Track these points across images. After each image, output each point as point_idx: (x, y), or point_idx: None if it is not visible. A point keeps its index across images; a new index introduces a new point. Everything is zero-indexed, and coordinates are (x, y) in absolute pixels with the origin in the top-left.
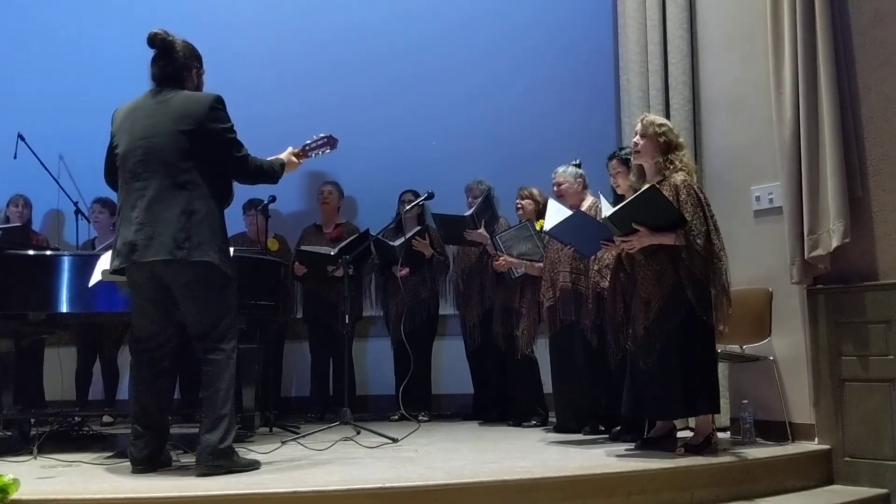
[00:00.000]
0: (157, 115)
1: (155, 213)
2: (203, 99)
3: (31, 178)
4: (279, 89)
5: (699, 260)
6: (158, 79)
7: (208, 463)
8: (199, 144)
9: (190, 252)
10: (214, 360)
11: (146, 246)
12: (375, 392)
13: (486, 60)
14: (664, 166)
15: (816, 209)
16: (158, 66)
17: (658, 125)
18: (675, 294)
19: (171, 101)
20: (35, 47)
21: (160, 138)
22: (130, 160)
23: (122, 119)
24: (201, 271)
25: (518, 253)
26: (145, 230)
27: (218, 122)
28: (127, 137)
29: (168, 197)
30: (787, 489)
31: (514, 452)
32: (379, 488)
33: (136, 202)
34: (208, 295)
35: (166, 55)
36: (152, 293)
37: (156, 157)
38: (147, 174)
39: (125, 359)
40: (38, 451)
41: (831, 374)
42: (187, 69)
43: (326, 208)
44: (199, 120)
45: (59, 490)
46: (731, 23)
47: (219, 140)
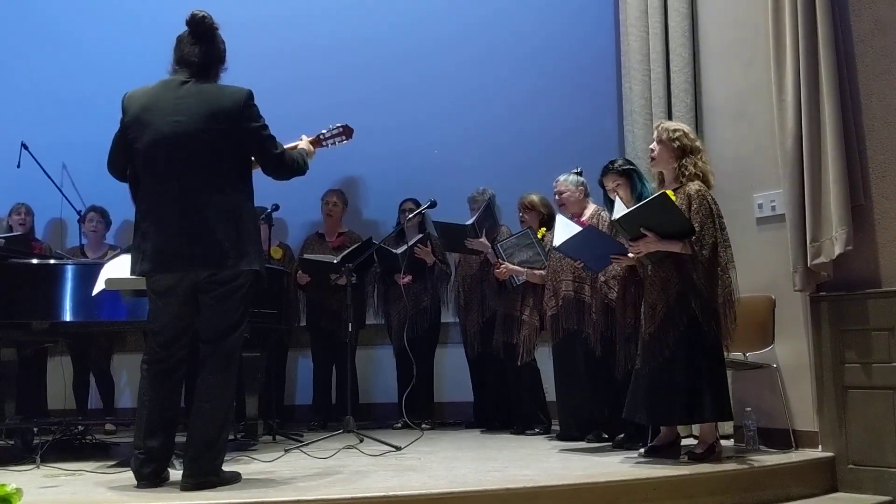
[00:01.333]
0: (185, 111)
1: (194, 219)
2: (236, 95)
3: (34, 187)
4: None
5: (703, 271)
6: (191, 64)
7: (196, 480)
8: (233, 143)
9: (237, 261)
10: (222, 369)
11: (189, 254)
12: (378, 400)
13: (488, 68)
14: (679, 172)
15: (819, 217)
16: (196, 51)
17: (672, 130)
18: (679, 302)
19: (199, 95)
20: (38, 56)
21: (195, 136)
22: (156, 158)
23: (139, 109)
24: (244, 280)
25: (519, 260)
26: (185, 236)
27: (252, 121)
28: (149, 131)
29: (208, 201)
30: (791, 497)
31: (517, 461)
32: (382, 496)
33: (170, 205)
34: (238, 301)
35: (208, 42)
36: (177, 299)
37: (190, 156)
38: (179, 175)
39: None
40: (40, 460)
41: (834, 381)
42: (221, 61)
43: (331, 220)
44: (233, 118)
45: (62, 499)
46: (732, 31)
47: (255, 138)
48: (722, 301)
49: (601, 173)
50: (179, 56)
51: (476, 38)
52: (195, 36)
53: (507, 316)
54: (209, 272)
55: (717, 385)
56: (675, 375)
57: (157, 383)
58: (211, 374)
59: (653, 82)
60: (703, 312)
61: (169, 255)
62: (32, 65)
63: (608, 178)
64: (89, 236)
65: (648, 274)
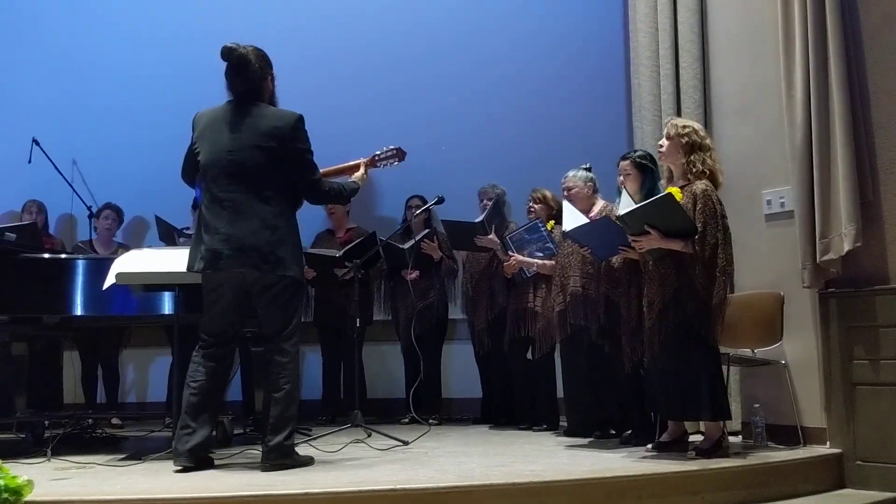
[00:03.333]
0: (241, 129)
1: (241, 227)
2: (288, 118)
3: (45, 183)
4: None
5: (702, 271)
6: (238, 94)
7: (276, 462)
8: (280, 161)
9: (274, 266)
10: (282, 362)
11: (232, 257)
12: (386, 395)
13: (497, 65)
14: (687, 168)
15: (828, 213)
16: (236, 82)
17: (681, 126)
18: (675, 299)
19: (254, 115)
20: (50, 54)
21: (245, 153)
22: (213, 170)
23: (204, 126)
24: (286, 284)
25: (528, 252)
26: (232, 241)
27: (300, 143)
28: (210, 147)
29: (252, 211)
30: (799, 493)
31: (524, 456)
32: (389, 490)
33: (221, 212)
34: (284, 302)
35: (242, 70)
36: (229, 297)
37: (240, 170)
38: (232, 186)
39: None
40: (51, 453)
41: (843, 377)
42: (263, 79)
43: (333, 217)
44: (283, 138)
45: (73, 492)
46: (741, 27)
47: (299, 160)
48: (716, 302)
49: (621, 157)
50: (229, 86)
51: (485, 37)
52: (231, 68)
53: (518, 310)
54: (252, 276)
55: (714, 384)
56: (671, 372)
57: (204, 370)
58: (276, 367)
59: (661, 78)
60: (697, 311)
61: (217, 256)
62: (44, 63)
63: (623, 164)
64: (101, 233)
65: (650, 269)
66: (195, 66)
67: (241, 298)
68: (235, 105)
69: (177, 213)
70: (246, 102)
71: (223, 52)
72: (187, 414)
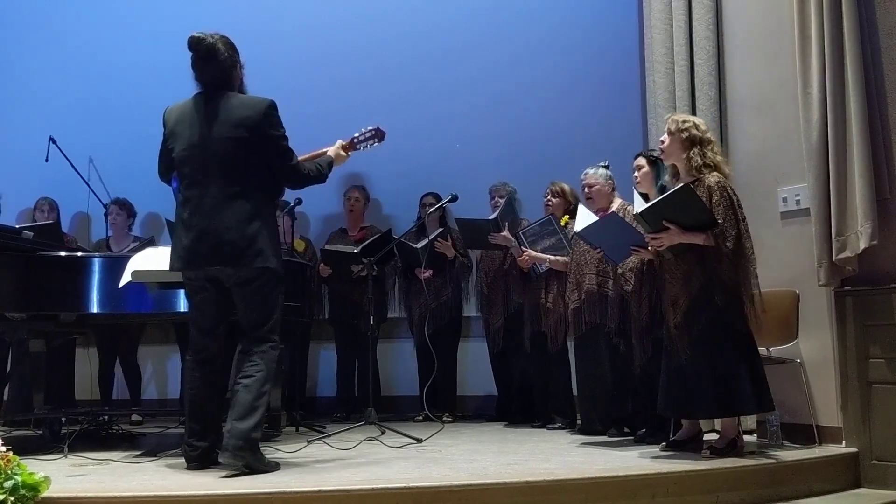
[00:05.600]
0: (211, 121)
1: (216, 221)
2: (258, 105)
3: (61, 181)
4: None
5: (727, 263)
6: (207, 84)
7: (235, 450)
8: (254, 151)
9: (253, 259)
10: (261, 353)
11: (209, 253)
12: (400, 393)
13: (513, 63)
14: (690, 164)
15: (844, 211)
16: (205, 72)
17: (681, 122)
18: (702, 295)
19: (224, 106)
20: (67, 53)
21: (216, 145)
22: (187, 165)
23: (175, 121)
24: (261, 275)
25: (542, 248)
26: (207, 238)
27: (273, 129)
28: (182, 141)
29: (226, 205)
30: (814, 492)
31: (538, 454)
32: (403, 488)
33: (196, 209)
34: (263, 294)
35: (212, 59)
36: (211, 294)
37: (212, 163)
38: (205, 180)
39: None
40: (68, 449)
41: (859, 376)
42: (233, 67)
43: (353, 214)
44: (254, 127)
45: (89, 488)
46: (757, 23)
47: (274, 147)
48: (749, 292)
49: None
50: (196, 77)
51: (501, 37)
52: (199, 58)
53: (533, 306)
54: (231, 270)
55: (754, 375)
56: (703, 369)
57: (198, 372)
58: (249, 356)
59: (677, 75)
60: (729, 304)
61: (194, 253)
62: (60, 62)
63: (638, 160)
64: (113, 229)
65: (668, 267)
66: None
67: (223, 295)
68: (205, 97)
69: None
70: (215, 93)
71: (190, 42)
72: (193, 420)
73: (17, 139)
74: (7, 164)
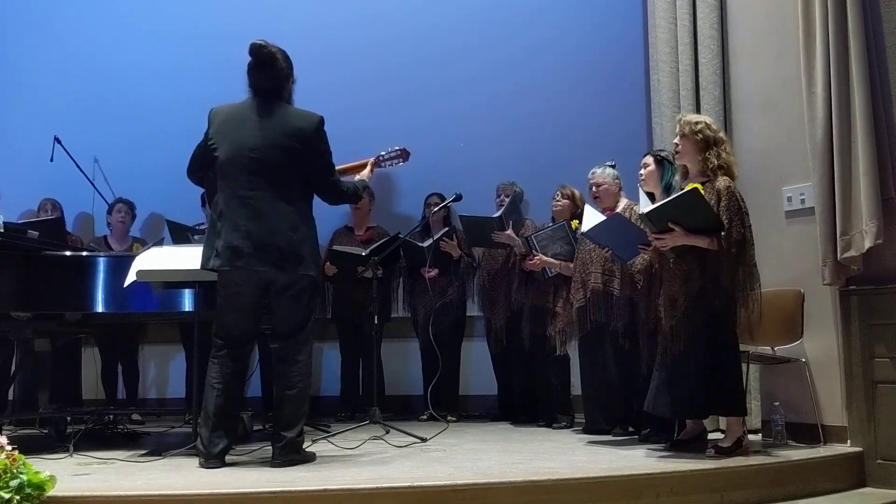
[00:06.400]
0: (265, 128)
1: (263, 225)
2: (311, 119)
3: (66, 181)
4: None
5: (728, 267)
6: (262, 91)
7: (287, 458)
8: (302, 162)
9: (296, 266)
10: (299, 361)
11: (253, 255)
12: (404, 392)
13: (518, 62)
14: (705, 165)
15: (849, 210)
16: (262, 79)
17: (694, 123)
18: (700, 296)
19: (279, 113)
20: (71, 53)
21: (268, 151)
22: (234, 167)
23: (222, 122)
24: (305, 283)
25: (553, 253)
26: (253, 239)
27: (321, 144)
28: (230, 144)
29: (274, 210)
30: (819, 492)
31: (542, 453)
32: (407, 487)
33: (243, 210)
34: (303, 301)
35: (270, 67)
36: (246, 294)
37: (263, 168)
38: (254, 184)
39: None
40: (73, 448)
41: (864, 375)
42: (287, 79)
43: (359, 213)
44: (306, 139)
45: (94, 487)
46: (762, 22)
47: (320, 161)
48: (746, 297)
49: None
50: (252, 83)
51: (505, 37)
52: (259, 65)
53: (536, 308)
54: (270, 274)
55: (737, 380)
56: (694, 369)
57: (225, 370)
58: (290, 365)
59: (681, 74)
60: (724, 308)
61: (237, 254)
62: (65, 62)
63: (645, 159)
64: (115, 227)
65: (669, 267)
66: (216, 62)
67: (258, 298)
68: (258, 103)
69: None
70: (268, 101)
71: (253, 48)
72: (216, 417)
73: (21, 140)
74: (11, 164)
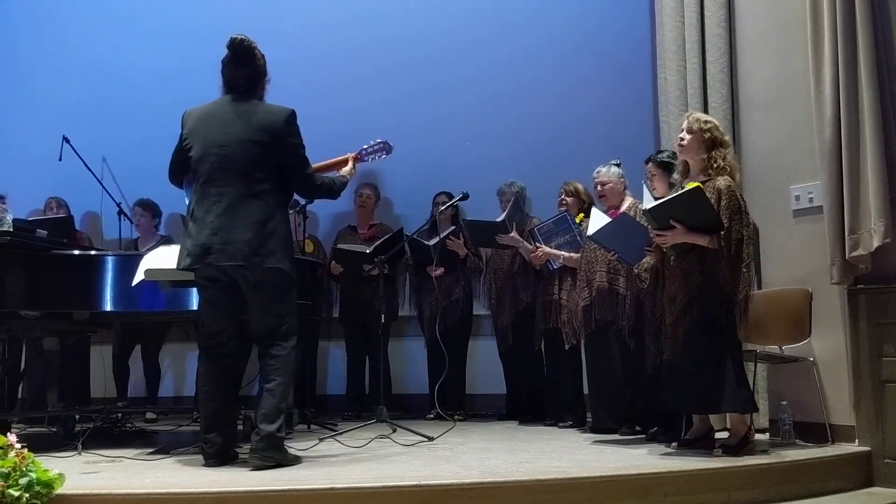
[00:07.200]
0: (234, 124)
1: (231, 220)
2: (280, 112)
3: (74, 180)
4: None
5: (727, 265)
6: (236, 86)
7: (264, 453)
8: (272, 156)
9: (264, 259)
10: (278, 356)
11: (221, 250)
12: (411, 391)
13: (524, 61)
14: (708, 164)
15: (857, 208)
16: (238, 74)
17: (703, 122)
18: (699, 294)
19: (248, 110)
20: (78, 53)
21: (237, 147)
22: (205, 165)
23: (195, 122)
24: (273, 276)
25: (556, 244)
26: (221, 235)
27: (292, 137)
28: (202, 143)
29: (243, 205)
30: (827, 491)
31: (549, 452)
32: (414, 486)
33: (212, 207)
34: (276, 297)
35: (248, 63)
36: (222, 292)
37: (232, 165)
38: (223, 181)
39: (165, 357)
40: (82, 447)
41: (872, 375)
42: (262, 76)
43: (363, 211)
44: (275, 133)
45: (103, 485)
46: (769, 20)
47: (292, 155)
48: (742, 297)
49: (645, 161)
50: (226, 78)
51: (511, 34)
52: (236, 59)
53: (545, 302)
54: (243, 270)
55: (739, 376)
56: (695, 366)
57: (211, 370)
58: (269, 361)
59: (688, 73)
60: (722, 306)
61: (206, 251)
62: (73, 62)
63: (649, 165)
64: (139, 229)
65: (671, 265)
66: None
67: (233, 295)
68: (229, 100)
69: None
70: (240, 97)
71: (232, 42)
72: (208, 418)
73: (30, 139)
74: (20, 163)
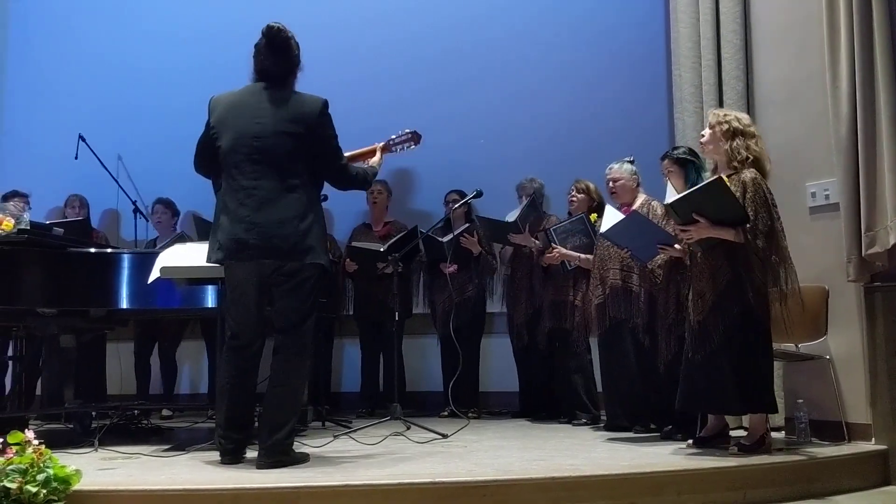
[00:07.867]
0: (268, 114)
1: (267, 215)
2: (314, 103)
3: (90, 178)
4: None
5: (756, 261)
6: (270, 75)
7: (274, 458)
8: (307, 148)
9: (304, 255)
10: (294, 356)
11: (259, 246)
12: (425, 388)
13: (538, 58)
14: (731, 156)
15: (874, 205)
16: (274, 63)
17: (722, 115)
18: (728, 291)
19: (281, 101)
20: (95, 52)
21: (272, 139)
22: (237, 156)
23: (224, 111)
24: (310, 272)
25: (572, 246)
26: (258, 231)
27: (327, 129)
28: (232, 132)
29: (280, 199)
30: (843, 490)
31: (563, 450)
32: (428, 483)
33: (246, 200)
34: (306, 291)
35: (284, 52)
36: (253, 289)
37: (267, 157)
38: (257, 173)
39: (182, 354)
40: (98, 443)
41: (888, 373)
42: (296, 66)
43: (376, 207)
44: (310, 124)
45: (119, 481)
46: (785, 16)
47: (326, 146)
48: (778, 292)
49: (661, 158)
50: (259, 66)
51: (527, 30)
52: (272, 48)
53: (555, 302)
54: (276, 265)
55: (767, 376)
56: (725, 365)
57: (235, 369)
58: (284, 360)
59: (703, 69)
60: (756, 301)
61: (241, 246)
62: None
63: (665, 162)
64: (158, 228)
65: (697, 262)
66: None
67: (262, 291)
68: (261, 88)
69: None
70: (272, 86)
71: (269, 29)
72: (228, 416)
73: (46, 138)
74: (37, 163)
